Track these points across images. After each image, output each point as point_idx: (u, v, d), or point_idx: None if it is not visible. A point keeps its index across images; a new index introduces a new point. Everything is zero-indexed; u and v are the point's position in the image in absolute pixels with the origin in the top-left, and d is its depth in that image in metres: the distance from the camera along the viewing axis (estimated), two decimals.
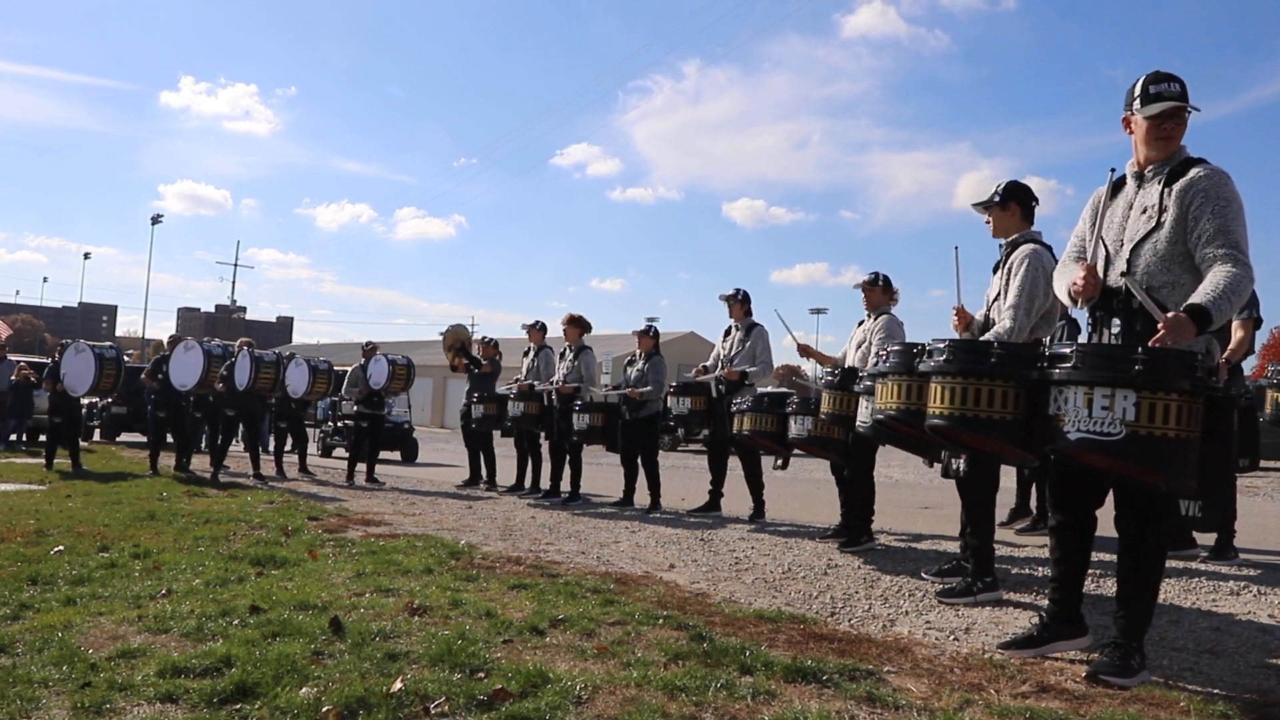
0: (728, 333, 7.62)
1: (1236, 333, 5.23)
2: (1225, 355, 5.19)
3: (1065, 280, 3.24)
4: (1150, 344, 2.75)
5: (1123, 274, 3.04)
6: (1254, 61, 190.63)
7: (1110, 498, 3.16)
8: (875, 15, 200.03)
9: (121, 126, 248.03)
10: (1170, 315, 2.78)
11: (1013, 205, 4.39)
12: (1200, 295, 2.81)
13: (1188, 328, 2.75)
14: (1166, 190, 3.01)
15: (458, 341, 10.77)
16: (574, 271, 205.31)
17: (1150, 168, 3.11)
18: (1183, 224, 2.96)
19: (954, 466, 4.80)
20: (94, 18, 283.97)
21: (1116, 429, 2.68)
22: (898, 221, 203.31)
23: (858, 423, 5.13)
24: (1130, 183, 3.18)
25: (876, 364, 4.26)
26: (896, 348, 3.98)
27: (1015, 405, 3.12)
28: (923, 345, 3.66)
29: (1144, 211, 3.06)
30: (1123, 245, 3.09)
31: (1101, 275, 3.11)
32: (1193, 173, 2.98)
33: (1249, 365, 5.69)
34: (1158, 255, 3.00)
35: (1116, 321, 3.06)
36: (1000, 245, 4.45)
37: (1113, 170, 3.24)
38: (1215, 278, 2.84)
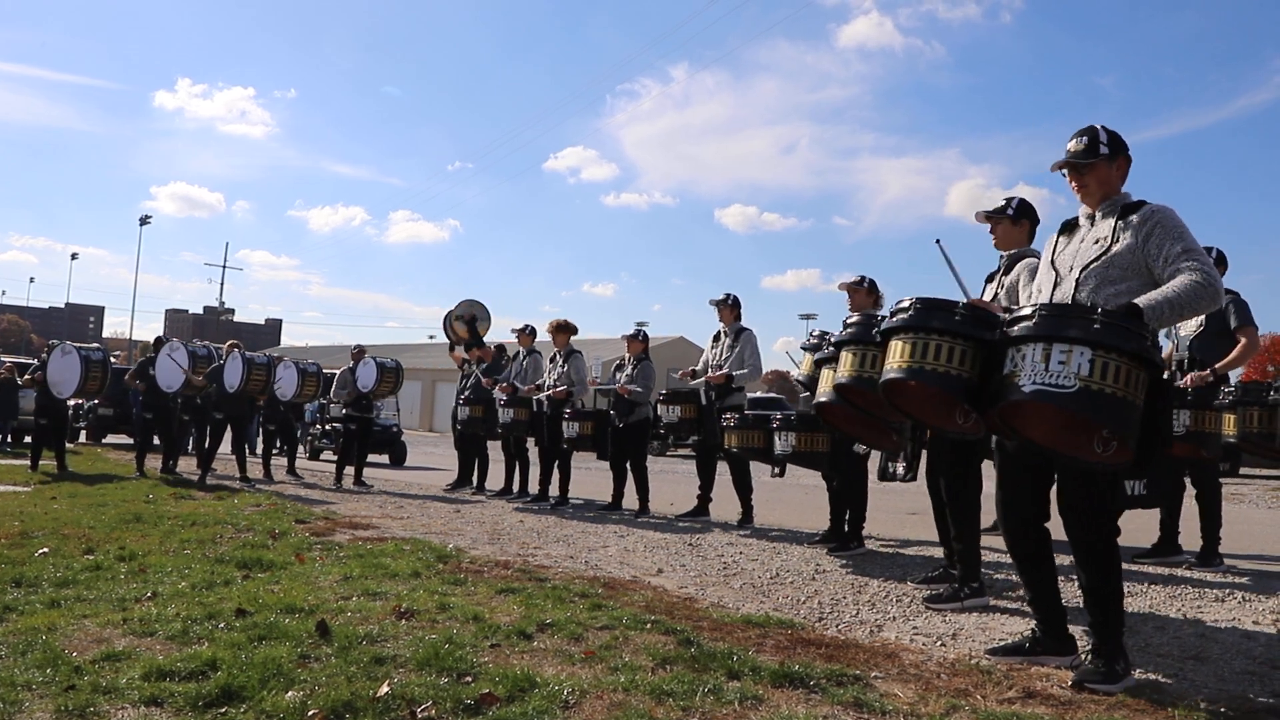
0: (717, 338, 7.65)
1: (1240, 341, 5.27)
2: (1222, 363, 5.25)
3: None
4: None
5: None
6: (1246, 70, 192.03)
7: (1055, 508, 3.20)
8: (871, 26, 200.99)
9: (114, 127, 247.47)
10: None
11: (1024, 222, 4.45)
12: (1145, 296, 3.00)
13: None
14: (1120, 223, 3.22)
15: (467, 317, 10.45)
16: (566, 276, 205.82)
17: (1099, 210, 3.33)
18: (1133, 249, 3.15)
19: (890, 469, 4.79)
20: (90, 18, 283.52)
21: (1070, 381, 2.79)
22: (888, 228, 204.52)
23: (818, 396, 5.09)
24: (1084, 222, 3.40)
25: (838, 335, 4.33)
26: (857, 319, 4.17)
27: (971, 364, 3.17)
28: (883, 317, 3.76)
29: (1096, 242, 3.27)
30: (1072, 269, 3.29)
31: (1049, 296, 3.32)
32: (1144, 209, 3.21)
33: (1235, 373, 5.70)
34: (1107, 278, 3.19)
35: None
36: (1000, 257, 4.50)
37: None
38: (1173, 283, 3.02)
